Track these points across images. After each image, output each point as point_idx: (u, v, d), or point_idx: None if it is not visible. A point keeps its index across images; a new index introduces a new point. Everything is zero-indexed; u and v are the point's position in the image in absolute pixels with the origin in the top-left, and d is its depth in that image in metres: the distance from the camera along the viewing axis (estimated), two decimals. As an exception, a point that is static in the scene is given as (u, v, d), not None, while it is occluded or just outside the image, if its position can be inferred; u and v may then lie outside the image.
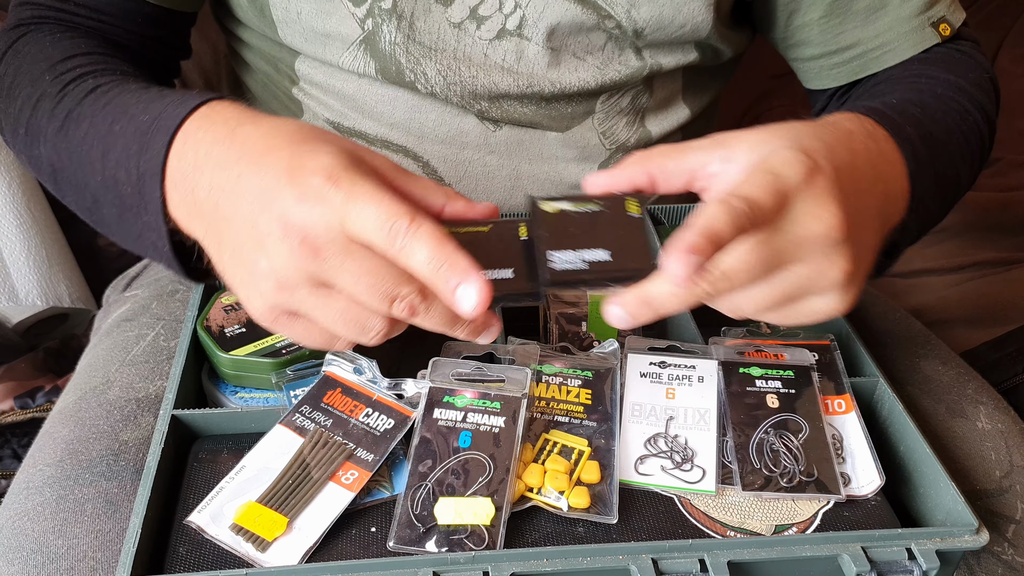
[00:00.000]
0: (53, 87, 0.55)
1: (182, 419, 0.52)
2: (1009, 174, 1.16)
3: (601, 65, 0.68)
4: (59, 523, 0.51)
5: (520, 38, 0.65)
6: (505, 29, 0.64)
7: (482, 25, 0.64)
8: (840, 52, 0.69)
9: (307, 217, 0.40)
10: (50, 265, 0.94)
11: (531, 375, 0.53)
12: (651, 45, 0.68)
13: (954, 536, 0.47)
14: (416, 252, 0.39)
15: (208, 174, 0.43)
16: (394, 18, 0.64)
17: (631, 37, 0.66)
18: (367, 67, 0.67)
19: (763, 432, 0.52)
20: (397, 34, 0.64)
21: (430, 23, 0.64)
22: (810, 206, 0.42)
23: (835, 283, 0.43)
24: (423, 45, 0.65)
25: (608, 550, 0.45)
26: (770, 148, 0.43)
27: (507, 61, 0.66)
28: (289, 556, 0.44)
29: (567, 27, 0.65)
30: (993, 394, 0.65)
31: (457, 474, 0.47)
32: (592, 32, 0.66)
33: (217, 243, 0.44)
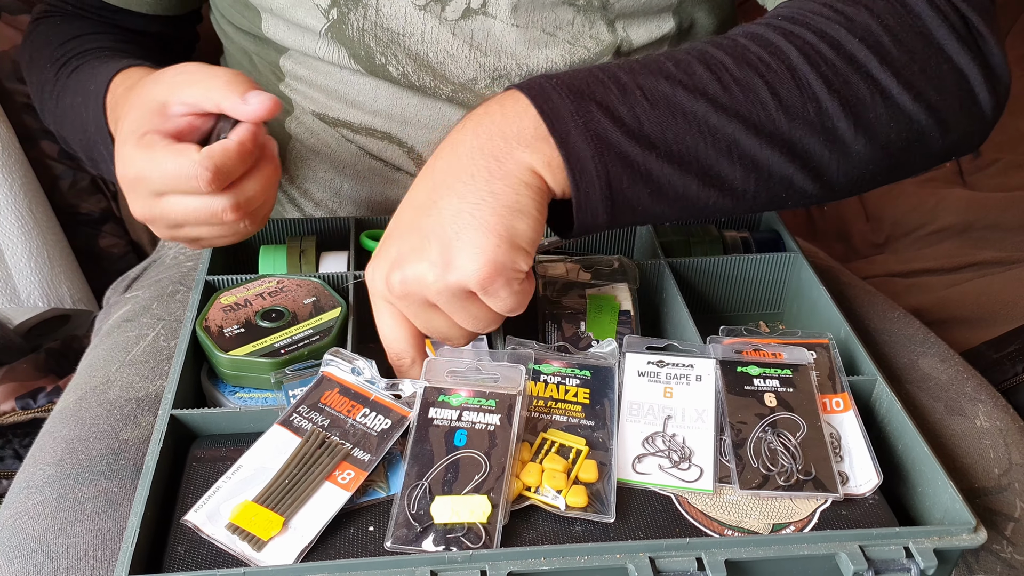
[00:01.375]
0: (51, 70, 0.68)
1: (181, 419, 0.53)
2: (1009, 174, 1.16)
3: (572, 40, 0.67)
4: (59, 522, 0.52)
5: (486, 16, 0.65)
6: (470, 8, 0.64)
7: (447, 6, 0.65)
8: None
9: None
10: (51, 266, 0.94)
11: (526, 372, 0.53)
12: (623, 15, 0.66)
13: (952, 535, 0.47)
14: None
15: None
16: (360, 5, 0.65)
17: (598, 8, 0.65)
18: (339, 56, 0.67)
19: (761, 431, 0.52)
20: (364, 21, 0.65)
21: (396, 8, 0.65)
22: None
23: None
24: (390, 30, 0.66)
25: (605, 549, 0.45)
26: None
27: (476, 40, 0.66)
28: (285, 555, 0.45)
29: (530, 2, 0.64)
30: (992, 392, 0.65)
31: (453, 473, 0.48)
32: (558, 7, 0.65)
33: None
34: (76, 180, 1.00)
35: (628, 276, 0.64)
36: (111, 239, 1.03)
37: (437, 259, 0.46)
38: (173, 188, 0.51)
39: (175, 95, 0.53)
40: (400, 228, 0.50)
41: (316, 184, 0.77)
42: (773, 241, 0.71)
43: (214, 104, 0.52)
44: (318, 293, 0.62)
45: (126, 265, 0.98)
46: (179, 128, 0.53)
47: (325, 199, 0.77)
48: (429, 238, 0.47)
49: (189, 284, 0.73)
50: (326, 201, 0.77)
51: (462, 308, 0.48)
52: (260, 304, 0.60)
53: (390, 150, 0.73)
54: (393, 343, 0.52)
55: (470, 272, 0.45)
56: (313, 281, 0.63)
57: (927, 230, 1.11)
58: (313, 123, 0.74)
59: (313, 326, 0.59)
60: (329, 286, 0.63)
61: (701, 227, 0.72)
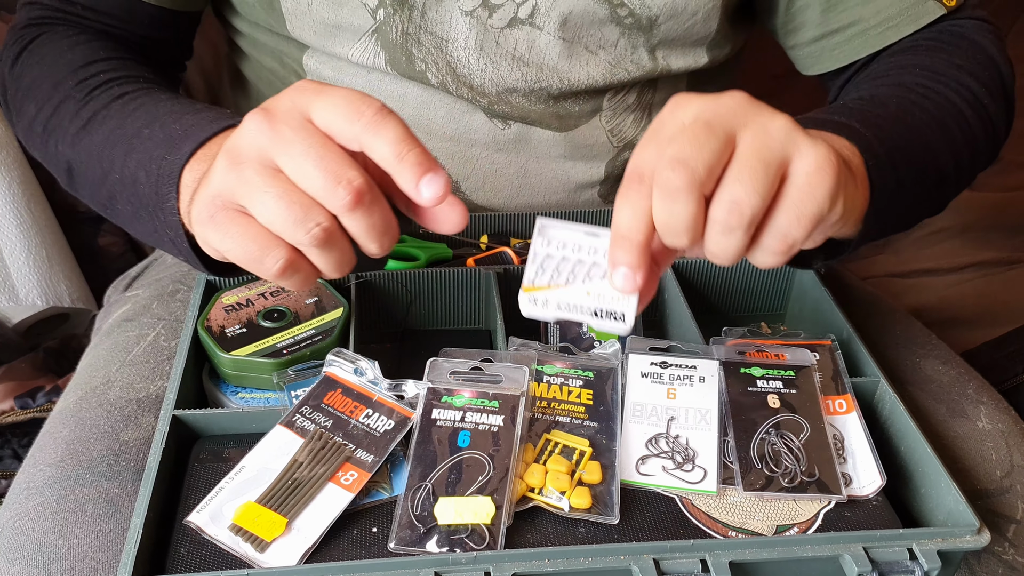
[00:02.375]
0: (78, 91, 0.58)
1: (183, 419, 0.52)
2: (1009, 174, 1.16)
3: (613, 62, 0.68)
4: (60, 523, 0.51)
5: (532, 27, 0.65)
6: (517, 18, 0.64)
7: (494, 13, 0.64)
8: (840, 31, 0.68)
9: (277, 101, 0.41)
10: (50, 265, 0.94)
11: (529, 373, 0.53)
12: (664, 43, 0.68)
13: (955, 536, 0.47)
14: (383, 132, 0.39)
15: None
16: (406, 8, 0.64)
17: (644, 29, 0.66)
18: (376, 59, 0.66)
19: (764, 432, 0.52)
20: (409, 24, 0.65)
21: (442, 12, 0.64)
22: (757, 116, 0.41)
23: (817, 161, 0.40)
24: (434, 35, 0.65)
25: (610, 550, 0.45)
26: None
27: (519, 50, 0.66)
28: (288, 557, 0.44)
29: (579, 17, 0.65)
30: (994, 394, 0.65)
31: (457, 474, 0.47)
32: (605, 25, 0.66)
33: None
34: (75, 178, 1.00)
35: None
36: (110, 238, 1.03)
37: None
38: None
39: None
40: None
41: None
42: (775, 242, 0.71)
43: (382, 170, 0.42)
44: (320, 293, 0.61)
45: (125, 264, 0.98)
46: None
47: None
48: None
49: (190, 283, 0.72)
50: None
51: None
52: (262, 304, 0.60)
53: None
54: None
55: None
56: (315, 281, 0.63)
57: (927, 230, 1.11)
58: None
59: (315, 326, 0.58)
60: (331, 286, 0.63)
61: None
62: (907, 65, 0.64)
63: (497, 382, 0.52)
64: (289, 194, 0.40)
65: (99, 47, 0.62)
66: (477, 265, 0.66)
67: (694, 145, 0.39)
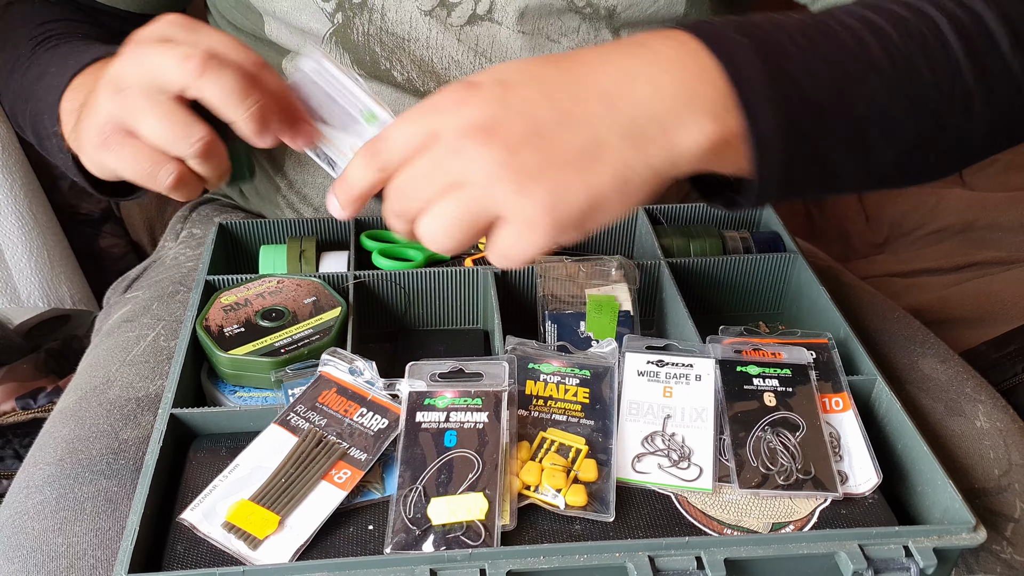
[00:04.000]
0: (27, 48, 0.65)
1: (181, 418, 0.53)
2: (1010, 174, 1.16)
3: (577, 47, 0.67)
4: (59, 521, 0.52)
5: (491, 22, 0.65)
6: (476, 14, 0.65)
7: (452, 12, 0.65)
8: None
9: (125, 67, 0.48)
10: (52, 267, 0.94)
11: (509, 368, 0.53)
12: (628, 24, 0.67)
13: (951, 534, 0.47)
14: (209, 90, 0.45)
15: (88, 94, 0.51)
16: (365, 11, 0.65)
17: (604, 17, 0.65)
18: (343, 60, 0.67)
19: (760, 430, 0.52)
20: (369, 25, 0.65)
21: (401, 13, 0.65)
22: (453, 118, 0.41)
23: (506, 189, 0.39)
24: (395, 35, 0.66)
25: (605, 548, 0.45)
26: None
27: (481, 46, 0.66)
28: (280, 554, 0.45)
29: (536, 9, 0.65)
30: (992, 392, 0.65)
31: (447, 473, 0.48)
32: (564, 14, 0.65)
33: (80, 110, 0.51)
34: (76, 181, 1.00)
35: (628, 276, 0.64)
36: (111, 239, 1.04)
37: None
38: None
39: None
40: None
41: (314, 189, 0.77)
42: (773, 241, 0.71)
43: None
44: (318, 293, 0.62)
45: (126, 265, 0.99)
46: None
47: (324, 204, 0.77)
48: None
49: (189, 284, 0.73)
50: (324, 206, 0.77)
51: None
52: (260, 304, 0.60)
53: None
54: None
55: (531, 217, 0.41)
56: (313, 281, 0.63)
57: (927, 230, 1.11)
58: None
59: (313, 326, 0.59)
60: (329, 286, 0.63)
61: (701, 227, 0.72)
62: None
63: (478, 380, 0.52)
64: (170, 113, 0.46)
65: (59, 11, 0.69)
66: (475, 265, 0.66)
67: (417, 187, 0.42)
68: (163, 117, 0.45)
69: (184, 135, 0.46)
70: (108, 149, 0.47)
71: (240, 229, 0.71)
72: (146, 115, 0.46)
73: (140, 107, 0.46)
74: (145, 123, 0.46)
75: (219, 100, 0.45)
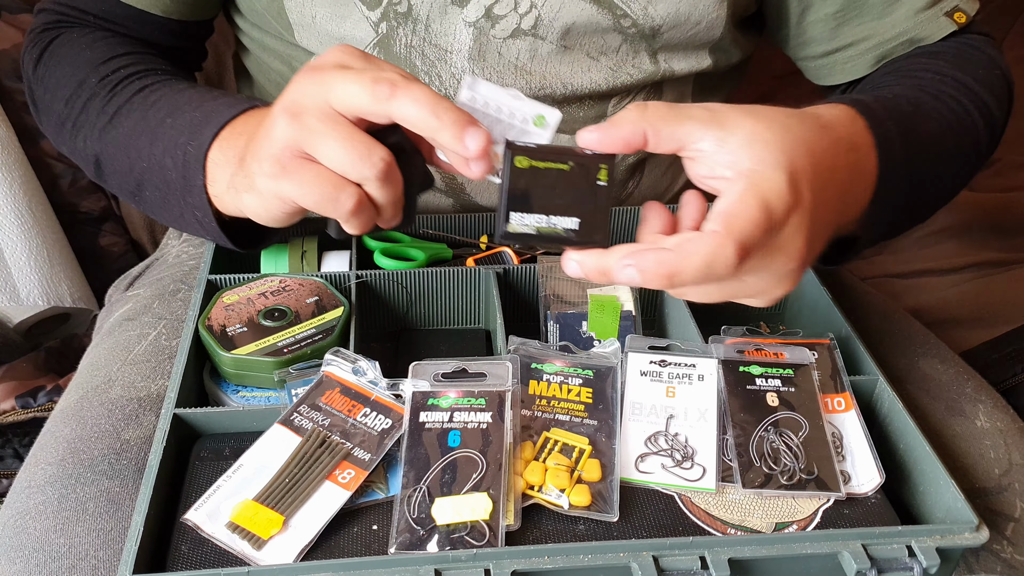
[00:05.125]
0: (101, 88, 0.62)
1: (184, 418, 0.53)
2: (1009, 174, 1.16)
3: (614, 67, 0.68)
4: (61, 522, 0.52)
5: (535, 38, 0.65)
6: (520, 29, 0.65)
7: (497, 24, 0.65)
8: (852, 46, 0.69)
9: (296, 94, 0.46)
10: (51, 265, 0.94)
11: (512, 368, 0.53)
12: (666, 47, 0.68)
13: (954, 533, 0.47)
14: (408, 102, 0.44)
15: (240, 151, 0.50)
16: (410, 21, 0.64)
17: (647, 36, 0.66)
18: None
19: (763, 430, 0.52)
20: (413, 36, 0.65)
21: (446, 24, 0.65)
22: (785, 237, 0.43)
23: (769, 294, 0.47)
24: (438, 47, 0.65)
25: (609, 548, 0.45)
26: (763, 156, 0.43)
27: (520, 60, 0.66)
28: (284, 554, 0.45)
29: (582, 27, 0.65)
30: (992, 393, 0.65)
31: (451, 473, 0.48)
32: (608, 33, 0.66)
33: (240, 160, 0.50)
34: (76, 179, 1.00)
35: (630, 276, 0.64)
36: (111, 238, 1.03)
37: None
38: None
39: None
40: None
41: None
42: (774, 241, 0.71)
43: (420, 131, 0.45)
44: (320, 292, 0.62)
45: (126, 264, 0.98)
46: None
47: None
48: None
49: (191, 283, 0.72)
50: None
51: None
52: (262, 303, 0.60)
53: None
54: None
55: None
56: (315, 280, 0.63)
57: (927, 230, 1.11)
58: None
59: (315, 325, 0.59)
60: (331, 285, 0.63)
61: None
62: (929, 68, 0.65)
63: (482, 379, 0.52)
64: (351, 136, 0.44)
65: (116, 43, 0.66)
66: (477, 265, 0.66)
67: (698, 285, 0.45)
68: (346, 139, 0.44)
69: (366, 155, 0.44)
70: (287, 176, 0.45)
71: (241, 228, 0.71)
72: (327, 138, 0.44)
73: (321, 130, 0.44)
74: (326, 146, 0.44)
75: (418, 115, 0.44)
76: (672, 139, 0.44)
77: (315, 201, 0.46)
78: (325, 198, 0.45)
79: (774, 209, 0.42)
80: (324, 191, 0.45)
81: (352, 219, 0.46)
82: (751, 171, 0.43)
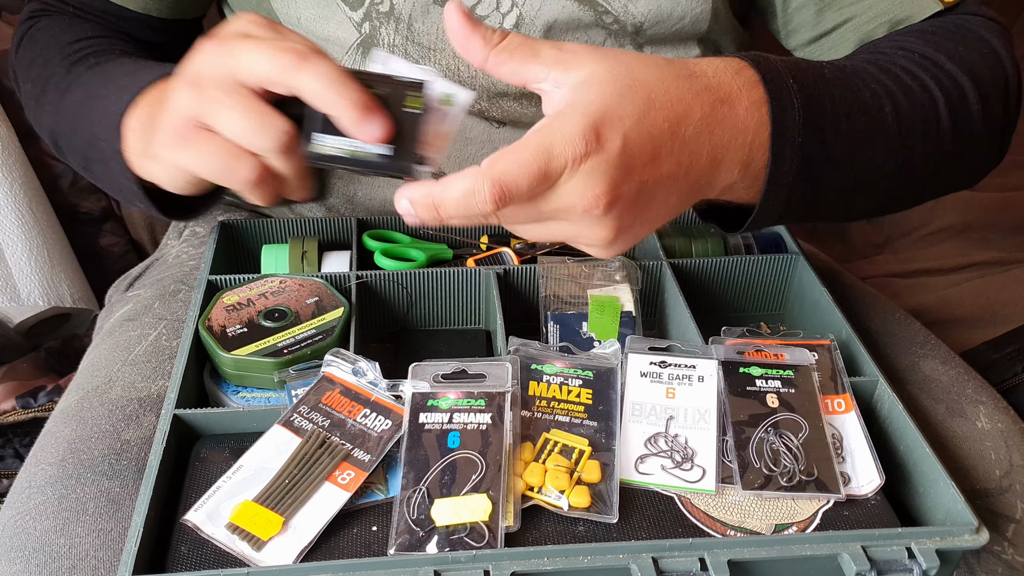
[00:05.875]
0: (62, 65, 0.63)
1: (184, 419, 0.53)
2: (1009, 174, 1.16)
3: None
4: (61, 522, 0.52)
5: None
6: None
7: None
8: (835, 30, 0.67)
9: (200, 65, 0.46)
10: (52, 265, 0.94)
11: (512, 369, 0.53)
12: (652, 41, 0.67)
13: (954, 535, 0.47)
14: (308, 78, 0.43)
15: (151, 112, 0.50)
16: (392, 20, 0.64)
17: (631, 33, 0.66)
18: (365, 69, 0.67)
19: (763, 431, 0.52)
20: (396, 36, 0.65)
21: (428, 24, 0.65)
22: (576, 184, 0.42)
23: (596, 242, 0.45)
24: (422, 46, 0.65)
25: (608, 549, 0.45)
26: (576, 99, 0.43)
27: None
28: (284, 555, 0.45)
29: (564, 24, 0.65)
30: (993, 394, 0.65)
31: (450, 475, 0.48)
32: (591, 29, 0.66)
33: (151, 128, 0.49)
34: (76, 179, 1.00)
35: (630, 277, 0.65)
36: (111, 238, 1.03)
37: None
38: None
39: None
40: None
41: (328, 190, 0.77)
42: (774, 242, 0.72)
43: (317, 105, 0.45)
44: (320, 293, 0.62)
45: (126, 264, 0.99)
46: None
47: (337, 204, 0.77)
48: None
49: (191, 283, 0.72)
50: (338, 207, 0.77)
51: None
52: (263, 304, 0.60)
53: None
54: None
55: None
56: (315, 281, 0.63)
57: (927, 230, 1.11)
58: None
59: (316, 326, 0.59)
60: (332, 286, 0.63)
61: (703, 228, 0.72)
62: (897, 43, 0.61)
63: (481, 380, 0.52)
64: (249, 106, 0.44)
65: (88, 28, 0.67)
66: (477, 265, 0.66)
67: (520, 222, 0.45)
68: (244, 110, 0.44)
69: (264, 127, 0.44)
70: (186, 146, 0.45)
71: (242, 228, 0.71)
72: (225, 108, 0.44)
73: (219, 101, 0.44)
74: (224, 117, 0.44)
75: (319, 90, 0.43)
76: (516, 74, 0.44)
77: (212, 172, 0.46)
78: (222, 169, 0.45)
79: (554, 154, 0.41)
80: (220, 162, 0.45)
81: (252, 190, 0.47)
82: (555, 114, 0.42)
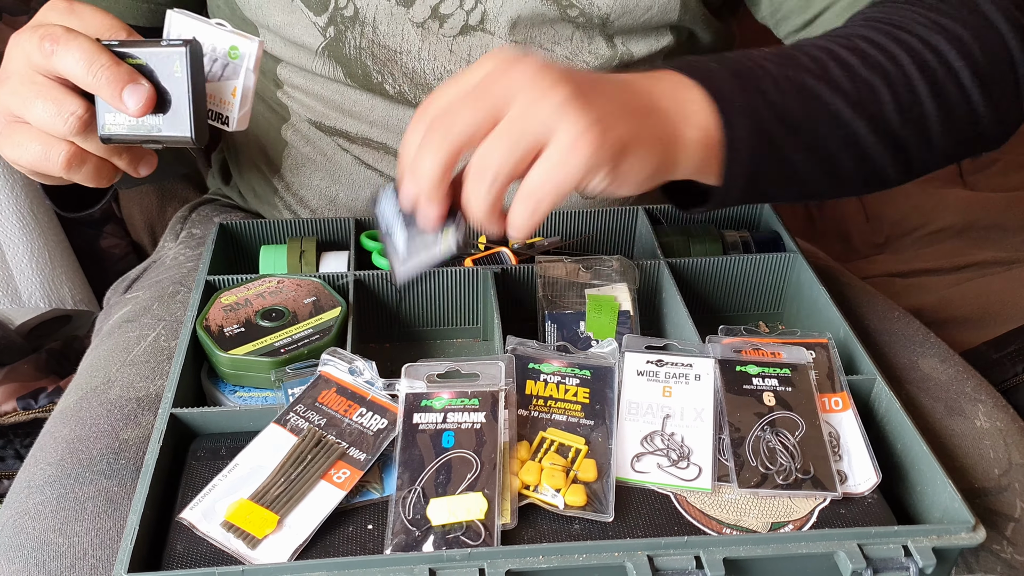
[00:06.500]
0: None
1: (181, 418, 0.53)
2: (1009, 174, 1.16)
3: (571, 55, 0.67)
4: (60, 521, 0.52)
5: (484, 32, 0.65)
6: (468, 25, 0.65)
7: (445, 23, 0.65)
8: (826, 12, 0.65)
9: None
10: (53, 267, 0.94)
11: (505, 367, 0.53)
12: (621, 32, 0.67)
13: (950, 533, 0.47)
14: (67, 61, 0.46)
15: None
16: (357, 24, 0.65)
17: (598, 25, 0.66)
18: (335, 72, 0.68)
19: (760, 430, 0.52)
20: (361, 39, 0.65)
21: (393, 26, 0.65)
22: (514, 67, 0.43)
23: (570, 124, 0.42)
24: (388, 48, 0.66)
25: (604, 547, 0.45)
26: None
27: (473, 56, 0.66)
28: (279, 553, 0.45)
29: (529, 19, 0.65)
30: (992, 392, 0.65)
31: (445, 474, 0.48)
32: (557, 23, 0.66)
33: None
34: (77, 181, 1.00)
35: (627, 276, 0.65)
36: (112, 240, 1.04)
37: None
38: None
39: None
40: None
41: (311, 192, 0.77)
42: (773, 241, 0.72)
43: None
44: (318, 293, 0.62)
45: (127, 266, 0.99)
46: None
47: (320, 207, 0.78)
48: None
49: (189, 284, 0.73)
50: (321, 209, 0.78)
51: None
52: (260, 304, 0.61)
53: (386, 160, 0.73)
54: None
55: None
56: (313, 281, 0.63)
57: (927, 230, 1.11)
58: (309, 131, 0.74)
59: (313, 325, 0.59)
60: (329, 286, 0.63)
61: (701, 227, 0.72)
62: (867, 15, 0.58)
63: (475, 380, 0.52)
64: (45, 93, 0.47)
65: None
66: (475, 265, 0.67)
67: (462, 112, 0.43)
68: (38, 97, 0.47)
69: (60, 111, 0.46)
70: (5, 139, 0.48)
71: (240, 229, 0.71)
72: (26, 98, 0.47)
73: (21, 92, 0.47)
74: (27, 106, 0.47)
75: (76, 71, 0.46)
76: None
77: (29, 161, 0.48)
78: (36, 157, 0.48)
79: (469, 70, 0.44)
80: (33, 150, 0.47)
81: (70, 174, 0.49)
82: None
